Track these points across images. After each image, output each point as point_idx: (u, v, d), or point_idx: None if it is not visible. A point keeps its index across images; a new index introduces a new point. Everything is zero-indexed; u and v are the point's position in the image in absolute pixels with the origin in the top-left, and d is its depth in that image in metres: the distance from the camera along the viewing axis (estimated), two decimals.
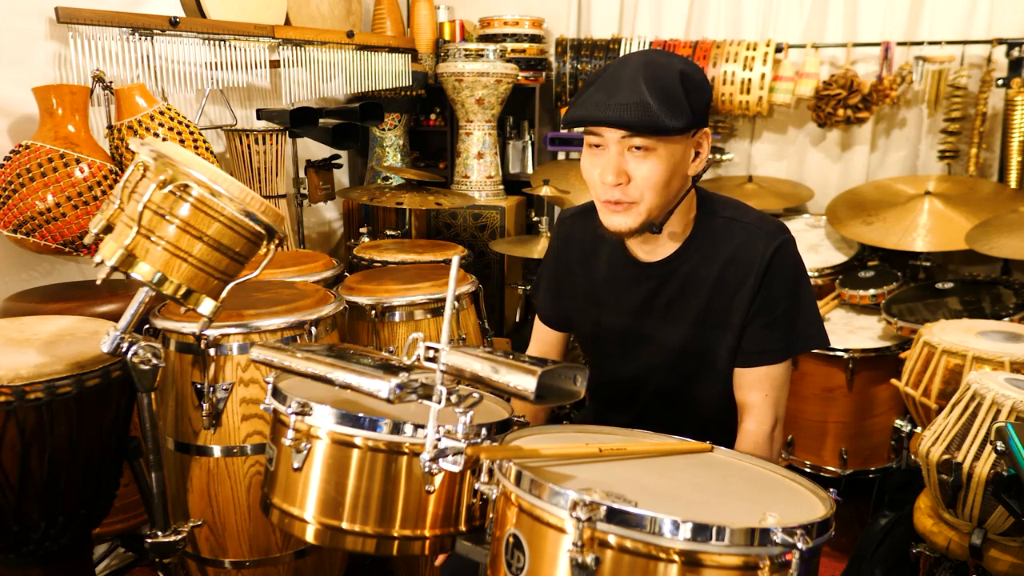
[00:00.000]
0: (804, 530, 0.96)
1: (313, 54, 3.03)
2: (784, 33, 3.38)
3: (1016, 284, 2.68)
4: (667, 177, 1.35)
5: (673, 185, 1.38)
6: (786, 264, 1.43)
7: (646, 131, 1.30)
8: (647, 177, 1.34)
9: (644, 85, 1.29)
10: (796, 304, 1.45)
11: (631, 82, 1.30)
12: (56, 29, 2.24)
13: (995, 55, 2.98)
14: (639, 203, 1.37)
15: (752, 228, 1.45)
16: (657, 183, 1.34)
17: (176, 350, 1.82)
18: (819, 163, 3.46)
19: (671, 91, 1.30)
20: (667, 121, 1.28)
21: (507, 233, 3.47)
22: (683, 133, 1.33)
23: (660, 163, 1.33)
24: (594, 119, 1.32)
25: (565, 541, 0.99)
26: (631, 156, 1.34)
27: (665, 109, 1.28)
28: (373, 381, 1.17)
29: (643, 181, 1.35)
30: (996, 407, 1.57)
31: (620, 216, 1.39)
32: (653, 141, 1.31)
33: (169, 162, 1.39)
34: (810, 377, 2.68)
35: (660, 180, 1.34)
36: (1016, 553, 1.55)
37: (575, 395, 1.18)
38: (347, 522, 1.27)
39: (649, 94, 1.28)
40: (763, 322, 1.44)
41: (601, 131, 1.34)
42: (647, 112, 1.28)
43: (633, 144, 1.32)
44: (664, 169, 1.34)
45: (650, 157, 1.33)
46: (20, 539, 1.55)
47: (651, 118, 1.28)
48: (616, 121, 1.29)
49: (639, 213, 1.38)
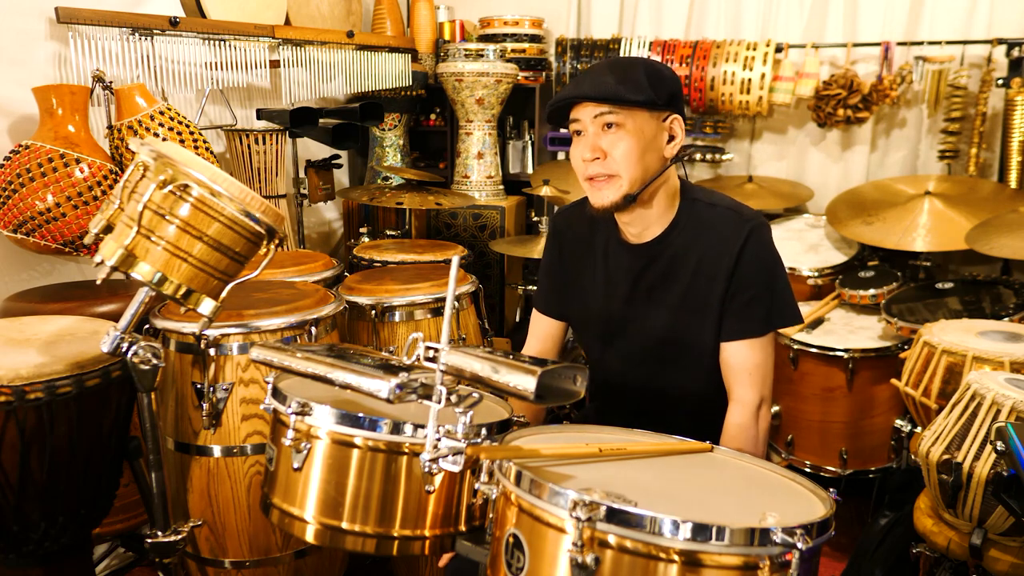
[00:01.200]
0: (804, 530, 0.96)
1: (313, 54, 3.03)
2: (784, 33, 3.38)
3: (1016, 284, 2.68)
4: (640, 151, 1.50)
5: (648, 160, 1.52)
6: (760, 246, 1.54)
7: (611, 101, 1.47)
8: (621, 149, 1.49)
9: (606, 69, 1.51)
10: (772, 282, 1.56)
11: (596, 71, 1.52)
12: (56, 29, 2.24)
13: (995, 55, 2.98)
14: (617, 176, 1.51)
15: (729, 213, 1.57)
16: (629, 155, 1.49)
17: (176, 350, 1.82)
18: (819, 163, 3.46)
19: (630, 72, 1.49)
20: (626, 93, 1.46)
21: (507, 233, 3.47)
22: (648, 108, 1.50)
23: (631, 137, 1.49)
24: (563, 98, 1.53)
25: (565, 541, 0.99)
26: (605, 134, 1.50)
27: (623, 85, 1.47)
28: (373, 381, 1.17)
29: (617, 154, 1.50)
30: (996, 407, 1.57)
31: (603, 190, 1.53)
32: (621, 115, 1.48)
33: (169, 162, 1.39)
34: (810, 377, 2.68)
35: (632, 152, 1.50)
36: (1016, 553, 1.55)
37: (575, 395, 1.18)
38: (347, 522, 1.27)
39: (610, 74, 1.49)
40: (742, 300, 1.54)
41: (578, 116, 1.52)
42: (607, 86, 1.47)
43: (604, 121, 1.49)
44: (635, 143, 1.49)
45: (621, 132, 1.49)
46: (20, 539, 1.55)
47: (610, 90, 1.47)
48: (582, 95, 1.49)
49: (619, 186, 1.52)
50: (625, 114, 1.48)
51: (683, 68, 3.33)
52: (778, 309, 1.56)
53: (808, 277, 3.01)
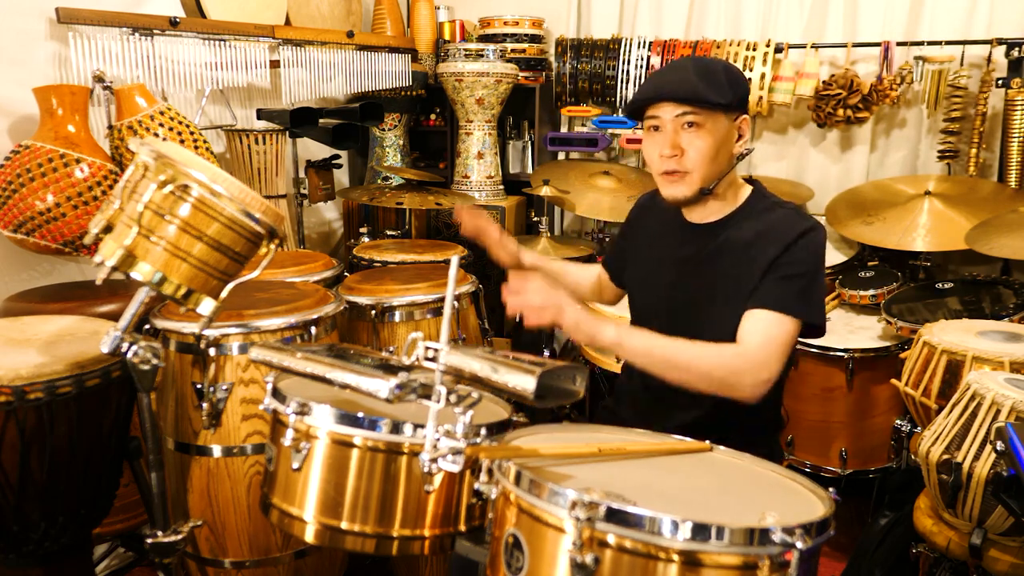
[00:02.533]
0: (803, 529, 0.96)
1: (313, 54, 3.03)
2: (784, 33, 3.37)
3: (1016, 284, 2.68)
4: (715, 150, 1.56)
5: (720, 159, 1.58)
6: (810, 242, 1.55)
7: (694, 103, 1.52)
8: (699, 148, 1.54)
9: (691, 69, 1.54)
10: (811, 274, 1.54)
11: (680, 69, 1.55)
12: (56, 29, 2.24)
13: (995, 55, 2.98)
14: (692, 172, 1.57)
15: (791, 213, 1.61)
16: (707, 154, 1.55)
17: (176, 350, 1.82)
18: (819, 163, 3.45)
19: (714, 74, 1.53)
20: (711, 96, 1.51)
21: (507, 233, 3.46)
22: (726, 110, 1.55)
23: (709, 137, 1.54)
24: (649, 96, 1.56)
25: (564, 541, 0.99)
26: (684, 132, 1.55)
27: (708, 86, 1.51)
28: (372, 381, 1.17)
29: (695, 152, 1.55)
30: (996, 407, 1.57)
31: (677, 186, 1.59)
32: (702, 116, 1.53)
33: (169, 162, 1.39)
34: (810, 377, 2.68)
35: (709, 152, 1.55)
36: (1016, 553, 1.55)
37: (575, 395, 1.18)
38: (347, 522, 1.27)
39: (695, 74, 1.53)
40: (781, 274, 1.53)
41: (658, 113, 1.56)
42: (694, 87, 1.51)
43: (686, 120, 1.54)
44: (713, 142, 1.55)
45: (700, 132, 1.54)
46: (20, 539, 1.55)
47: (698, 92, 1.51)
48: (669, 95, 1.53)
49: (693, 182, 1.58)
50: (705, 115, 1.53)
51: None
52: (811, 299, 1.53)
53: None
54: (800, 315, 1.50)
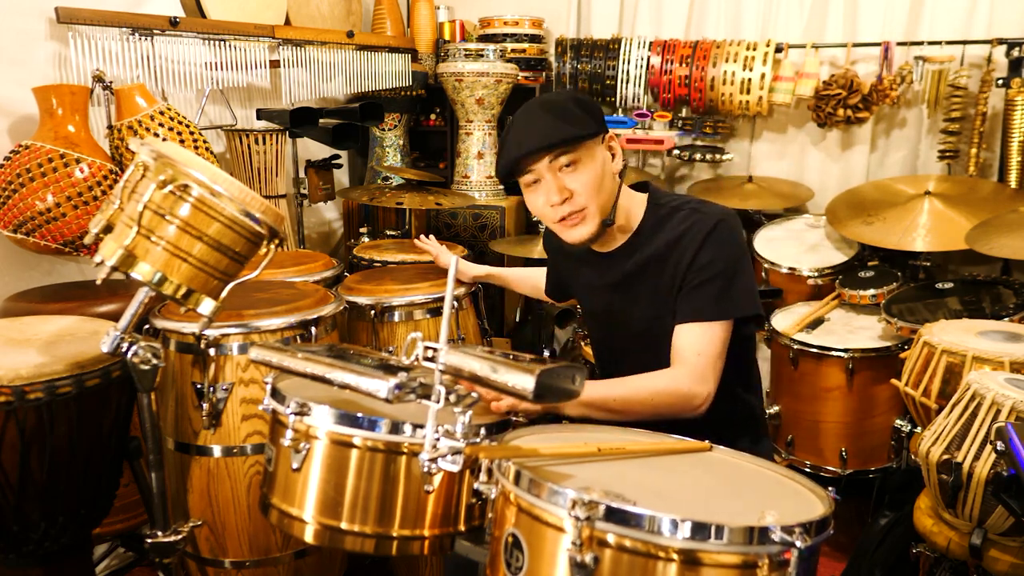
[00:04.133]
0: (803, 529, 0.96)
1: (313, 54, 3.03)
2: (784, 33, 3.37)
3: (1016, 284, 2.68)
4: (599, 179, 1.54)
5: (606, 185, 1.56)
6: (719, 238, 1.54)
7: (563, 144, 1.50)
8: (584, 183, 1.53)
9: (545, 114, 1.53)
10: (728, 270, 1.53)
11: (534, 119, 1.54)
12: (56, 29, 2.24)
13: (995, 55, 2.98)
14: (587, 207, 1.55)
15: (694, 212, 1.59)
16: (594, 186, 1.53)
17: (176, 350, 1.82)
18: (819, 163, 3.45)
19: (566, 109, 1.52)
20: (575, 130, 1.50)
21: (507, 233, 3.46)
22: (592, 138, 1.53)
23: (589, 169, 1.53)
24: (519, 155, 1.52)
25: (564, 540, 0.99)
26: (563, 175, 1.53)
27: (568, 122, 1.50)
28: (372, 381, 1.17)
29: (582, 188, 1.53)
30: (996, 407, 1.57)
31: (579, 228, 1.57)
32: (576, 153, 1.52)
33: (169, 162, 1.39)
34: (810, 377, 2.68)
35: (595, 183, 1.54)
36: (1016, 553, 1.55)
37: (574, 395, 1.18)
38: (346, 522, 1.27)
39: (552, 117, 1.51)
40: (693, 284, 1.53)
41: (533, 167, 1.54)
42: (557, 130, 1.50)
43: (561, 163, 1.52)
44: (594, 173, 1.53)
45: (579, 167, 1.53)
46: (20, 539, 1.55)
47: (562, 132, 1.50)
48: (538, 147, 1.50)
49: (592, 216, 1.56)
50: (578, 150, 1.52)
51: (683, 68, 3.33)
52: (731, 297, 1.52)
53: (808, 277, 3.01)
54: (723, 317, 1.51)
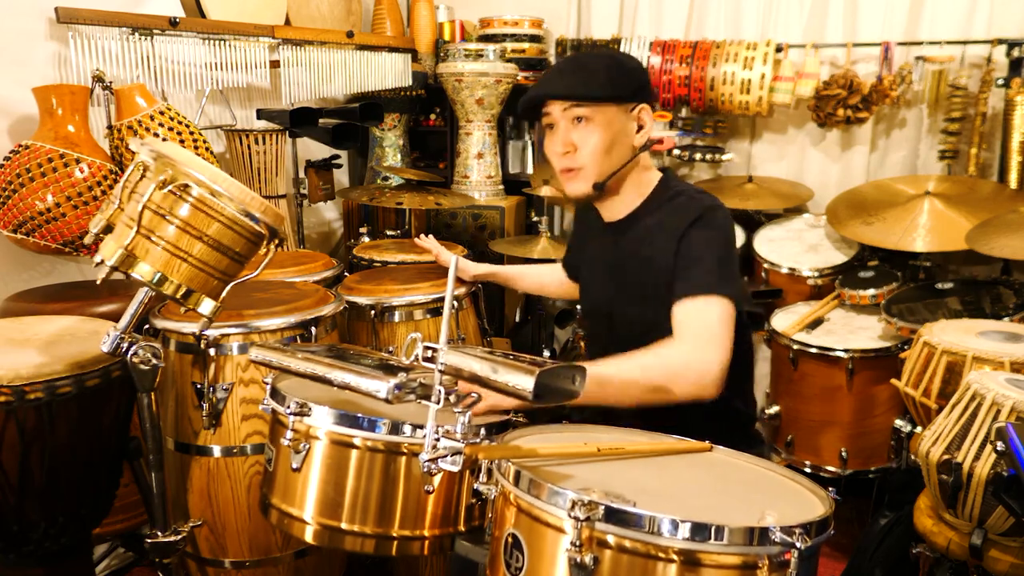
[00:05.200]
0: (803, 529, 0.96)
1: (313, 54, 3.02)
2: (784, 33, 3.37)
3: (1016, 284, 2.68)
4: (607, 144, 1.56)
5: (615, 152, 1.58)
6: (706, 224, 1.54)
7: (573, 98, 1.53)
8: (589, 143, 1.55)
9: (571, 67, 1.60)
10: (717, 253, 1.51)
11: (562, 67, 1.61)
12: (56, 29, 2.24)
13: (995, 55, 2.98)
14: (585, 167, 1.58)
15: (687, 200, 1.60)
16: (597, 149, 1.55)
17: (176, 350, 1.82)
18: (819, 163, 3.45)
19: (590, 68, 1.56)
20: (589, 90, 1.53)
21: (507, 233, 3.46)
22: (615, 102, 1.55)
23: (599, 130, 1.55)
24: (537, 93, 1.58)
25: (564, 541, 0.99)
26: (575, 128, 1.56)
27: (585, 81, 1.53)
28: (372, 381, 1.17)
29: (585, 147, 1.56)
30: (996, 407, 1.57)
31: (573, 182, 1.60)
32: (589, 110, 1.54)
33: (169, 162, 1.39)
34: (810, 377, 2.68)
35: (600, 146, 1.55)
36: (1016, 553, 1.55)
37: (574, 395, 1.18)
38: (346, 522, 1.27)
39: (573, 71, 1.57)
40: (688, 261, 1.51)
41: (549, 110, 1.58)
42: (570, 84, 1.54)
43: (574, 115, 1.54)
44: (603, 136, 1.55)
45: (590, 126, 1.55)
46: (20, 539, 1.55)
47: (574, 88, 1.53)
48: (555, 93, 1.55)
49: (587, 177, 1.58)
50: (593, 108, 1.53)
51: (683, 68, 3.32)
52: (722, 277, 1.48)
53: (808, 277, 3.01)
54: (723, 293, 1.46)
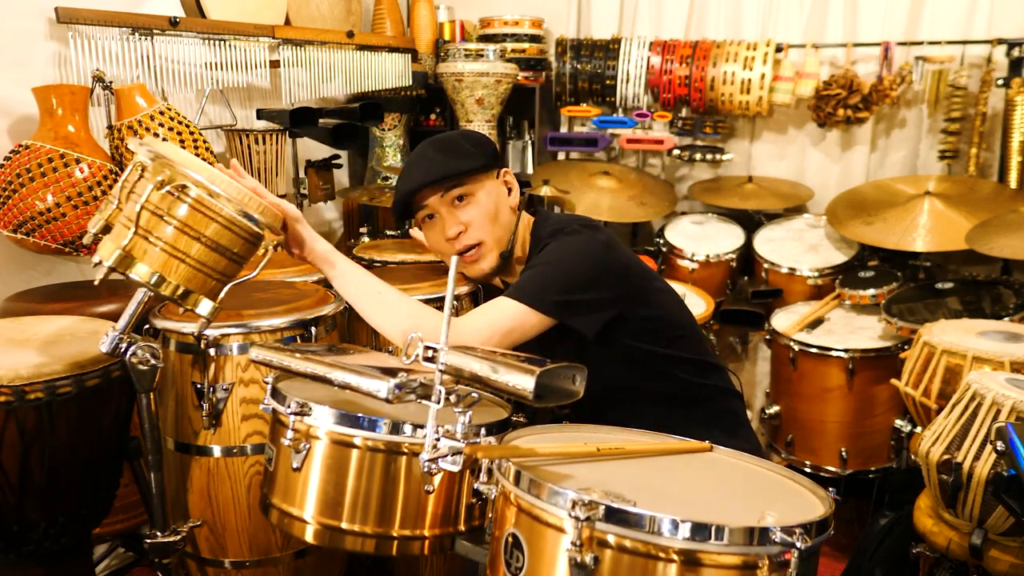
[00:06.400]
0: (803, 529, 0.96)
1: (313, 54, 3.02)
2: (784, 33, 3.37)
3: (1016, 284, 2.68)
4: (493, 211, 1.61)
5: (502, 217, 1.63)
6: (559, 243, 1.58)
7: (450, 178, 1.56)
8: (478, 216, 1.59)
9: (432, 151, 1.60)
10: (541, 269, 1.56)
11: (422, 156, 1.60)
12: (56, 29, 2.24)
13: (995, 55, 2.98)
14: (484, 241, 1.61)
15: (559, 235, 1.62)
16: (487, 217, 1.60)
17: (176, 350, 1.82)
18: (819, 163, 3.45)
19: (454, 145, 1.60)
20: (463, 165, 1.56)
21: None
22: (480, 172, 1.59)
23: (482, 202, 1.60)
24: (410, 188, 1.59)
25: (564, 540, 0.99)
26: (458, 208, 1.60)
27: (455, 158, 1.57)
28: (372, 381, 1.17)
29: (476, 221, 1.59)
30: (996, 407, 1.57)
31: (480, 261, 1.64)
32: (467, 186, 1.58)
33: (167, 162, 1.39)
34: (810, 377, 2.68)
35: (488, 216, 1.60)
36: (1016, 553, 1.55)
37: (574, 395, 1.18)
38: (346, 522, 1.27)
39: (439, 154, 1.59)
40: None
41: (425, 203, 1.60)
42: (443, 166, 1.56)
43: (454, 196, 1.59)
44: (487, 205, 1.60)
45: (472, 201, 1.60)
46: (20, 539, 1.55)
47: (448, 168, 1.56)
48: (428, 180, 1.56)
49: (489, 249, 1.63)
50: (471, 183, 1.57)
51: (683, 68, 3.33)
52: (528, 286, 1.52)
53: (808, 277, 3.01)
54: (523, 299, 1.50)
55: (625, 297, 1.60)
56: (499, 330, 1.50)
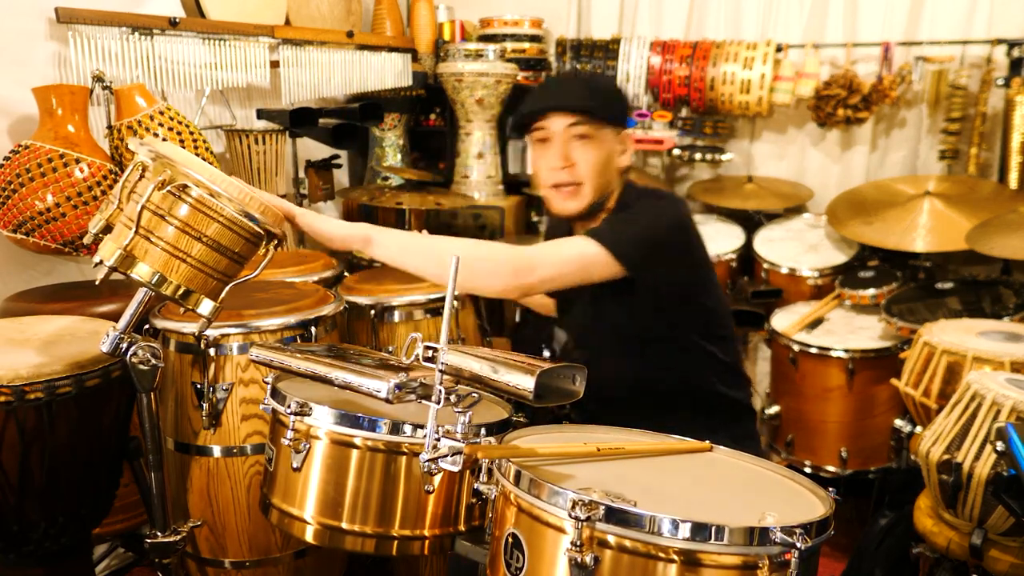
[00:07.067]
0: (803, 529, 0.96)
1: (313, 54, 3.02)
2: (784, 33, 3.38)
3: (1016, 284, 2.68)
4: (604, 163, 1.57)
5: (608, 173, 1.59)
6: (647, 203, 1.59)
7: (585, 114, 1.51)
8: (589, 160, 1.55)
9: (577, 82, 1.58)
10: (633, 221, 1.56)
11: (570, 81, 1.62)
12: (56, 29, 2.24)
13: (995, 55, 2.98)
14: (583, 184, 1.57)
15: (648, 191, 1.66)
16: (597, 166, 1.56)
17: (176, 350, 1.82)
18: (819, 163, 3.45)
19: (607, 89, 1.57)
20: (602, 109, 1.52)
21: (507, 233, 3.46)
22: (613, 124, 1.56)
23: (599, 149, 1.56)
24: (540, 108, 1.54)
25: (564, 541, 0.99)
26: (574, 144, 1.55)
27: (598, 99, 1.53)
28: (372, 381, 1.17)
29: (585, 164, 1.55)
30: (996, 407, 1.57)
31: (569, 200, 1.59)
32: (593, 129, 1.54)
33: (168, 162, 1.39)
34: (810, 377, 2.68)
35: (599, 164, 1.56)
36: (1016, 553, 1.55)
37: (574, 395, 1.18)
38: (346, 522, 1.27)
39: (585, 87, 1.55)
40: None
41: (547, 124, 1.55)
42: (586, 100, 1.52)
43: (576, 132, 1.54)
44: (602, 155, 1.56)
45: (590, 144, 1.55)
46: (20, 539, 1.55)
47: (589, 104, 1.52)
48: (564, 106, 1.52)
49: (584, 195, 1.58)
50: (595, 127, 1.54)
51: (683, 68, 3.32)
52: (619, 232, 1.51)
53: (808, 277, 3.01)
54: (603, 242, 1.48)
55: (694, 276, 1.62)
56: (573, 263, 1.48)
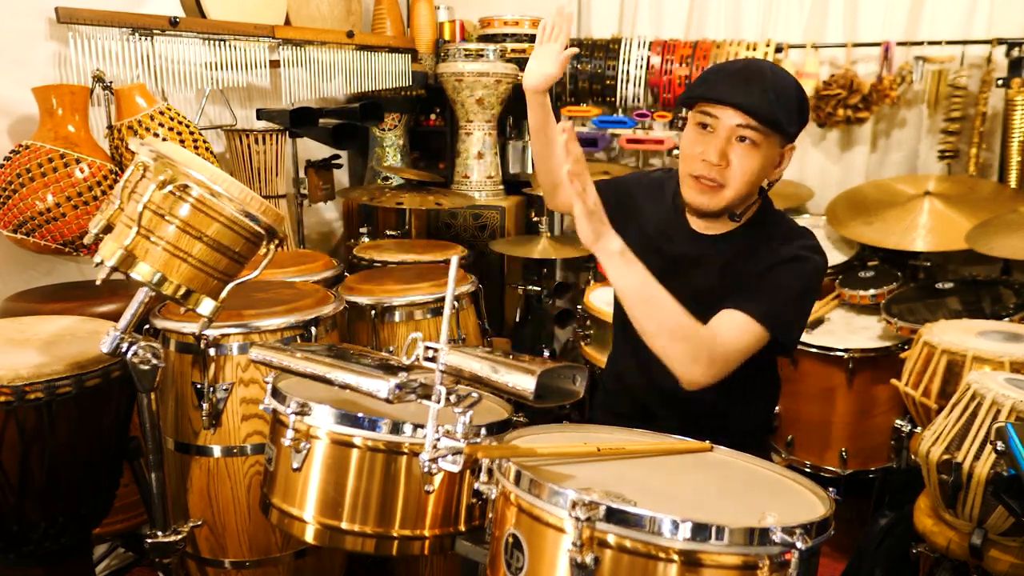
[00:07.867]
0: (803, 530, 0.96)
1: (313, 54, 3.02)
2: (784, 33, 3.37)
3: (1016, 284, 2.68)
4: (760, 173, 1.46)
5: (756, 183, 1.49)
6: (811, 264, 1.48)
7: (763, 122, 1.40)
8: (745, 167, 1.43)
9: (771, 83, 1.41)
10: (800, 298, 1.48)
11: (757, 80, 1.42)
12: (56, 29, 2.24)
13: (995, 55, 2.98)
14: (728, 187, 1.46)
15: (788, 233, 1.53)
16: (751, 174, 1.44)
17: (176, 350, 1.82)
18: (819, 163, 3.45)
19: (791, 98, 1.43)
20: (782, 120, 1.41)
21: (507, 233, 3.46)
22: (781, 135, 1.45)
23: (760, 158, 1.44)
24: (722, 100, 1.41)
25: (564, 541, 0.99)
26: (736, 146, 1.43)
27: (784, 111, 1.40)
28: (372, 381, 1.17)
29: (740, 169, 1.44)
30: (996, 407, 1.57)
31: (707, 195, 1.47)
32: (761, 137, 1.42)
33: (169, 162, 1.39)
34: (810, 377, 2.68)
35: (754, 173, 1.44)
36: (1016, 553, 1.55)
37: (575, 395, 1.18)
38: (346, 522, 1.27)
39: (775, 93, 1.40)
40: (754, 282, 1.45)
41: (717, 113, 1.42)
42: (771, 106, 1.39)
43: (743, 134, 1.42)
44: (760, 164, 1.44)
45: (752, 151, 1.43)
46: (20, 539, 1.55)
47: (773, 112, 1.39)
48: (745, 106, 1.39)
49: (723, 198, 1.47)
50: (764, 135, 1.42)
51: (683, 68, 3.32)
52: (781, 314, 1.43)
53: None
54: (774, 330, 1.42)
55: None
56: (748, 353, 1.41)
